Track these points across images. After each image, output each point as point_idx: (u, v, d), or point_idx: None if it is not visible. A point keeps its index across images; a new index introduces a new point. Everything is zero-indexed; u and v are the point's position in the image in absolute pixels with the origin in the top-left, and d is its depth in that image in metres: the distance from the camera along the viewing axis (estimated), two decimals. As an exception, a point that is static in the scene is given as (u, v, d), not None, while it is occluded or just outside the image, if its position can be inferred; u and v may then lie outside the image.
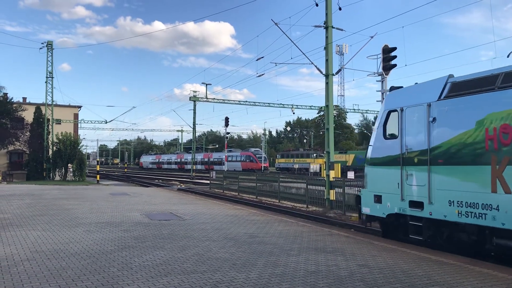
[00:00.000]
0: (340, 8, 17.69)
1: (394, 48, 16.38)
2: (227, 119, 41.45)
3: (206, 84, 46.43)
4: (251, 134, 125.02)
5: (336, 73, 18.94)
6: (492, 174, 7.09)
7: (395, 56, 16.50)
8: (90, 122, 60.39)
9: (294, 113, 49.38)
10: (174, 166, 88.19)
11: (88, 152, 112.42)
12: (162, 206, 15.50)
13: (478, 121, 7.43)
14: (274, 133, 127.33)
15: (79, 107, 49.57)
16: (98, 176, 37.56)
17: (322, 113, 72.69)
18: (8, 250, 7.51)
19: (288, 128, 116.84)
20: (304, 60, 44.52)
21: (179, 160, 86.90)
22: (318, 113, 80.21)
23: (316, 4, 17.78)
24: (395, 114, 9.32)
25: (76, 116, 49.12)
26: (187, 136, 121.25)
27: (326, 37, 17.81)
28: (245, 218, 12.45)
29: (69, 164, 37.92)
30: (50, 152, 38.65)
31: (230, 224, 11.22)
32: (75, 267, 6.35)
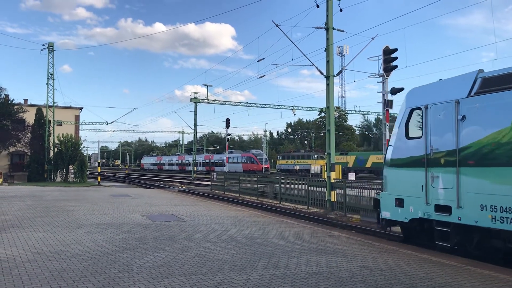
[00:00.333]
0: (341, 10, 17.75)
1: (395, 50, 16.35)
2: (228, 121, 41.47)
3: (207, 86, 46.66)
4: (252, 136, 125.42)
5: (337, 74, 18.98)
6: None
7: (396, 58, 16.47)
8: (91, 123, 60.82)
9: (295, 114, 49.47)
10: (175, 168, 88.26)
11: (89, 153, 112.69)
12: (163, 208, 15.51)
13: None
14: (275, 134, 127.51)
15: (80, 108, 49.62)
16: (99, 177, 37.58)
17: (323, 114, 72.88)
18: (9, 252, 7.52)
19: (289, 130, 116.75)
20: (305, 62, 44.67)
21: (180, 161, 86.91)
22: (319, 114, 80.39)
23: (317, 6, 17.79)
24: (419, 112, 8.73)
25: (77, 117, 49.13)
26: (188, 138, 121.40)
27: (327, 38, 17.82)
28: (246, 220, 12.45)
29: (70, 166, 38.00)
30: (51, 153, 38.74)
31: (231, 225, 11.22)
32: (76, 268, 6.35)
